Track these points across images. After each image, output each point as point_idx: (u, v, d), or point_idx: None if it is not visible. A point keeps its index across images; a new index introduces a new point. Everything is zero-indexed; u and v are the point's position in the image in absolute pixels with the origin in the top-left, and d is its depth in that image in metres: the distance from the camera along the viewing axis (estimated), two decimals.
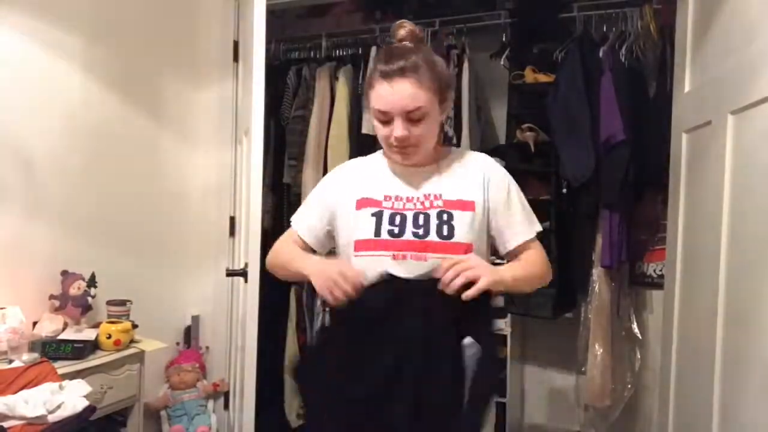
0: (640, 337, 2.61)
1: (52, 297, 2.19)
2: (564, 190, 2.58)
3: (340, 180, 1.46)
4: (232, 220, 2.76)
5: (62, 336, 2.05)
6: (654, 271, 2.64)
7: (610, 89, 2.40)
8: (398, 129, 1.28)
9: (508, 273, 1.30)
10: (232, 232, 2.76)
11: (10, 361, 1.83)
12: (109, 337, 2.11)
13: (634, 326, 2.62)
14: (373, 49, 2.97)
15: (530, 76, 2.70)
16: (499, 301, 2.84)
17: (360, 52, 3.04)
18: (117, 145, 2.50)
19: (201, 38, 2.85)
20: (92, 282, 2.26)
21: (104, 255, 2.41)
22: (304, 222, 1.48)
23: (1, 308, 1.97)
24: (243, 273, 2.05)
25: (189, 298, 2.87)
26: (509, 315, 2.83)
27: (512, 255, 1.39)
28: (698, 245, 1.73)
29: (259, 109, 1.94)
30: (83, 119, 2.36)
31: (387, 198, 1.36)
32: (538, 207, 2.61)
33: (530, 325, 3.04)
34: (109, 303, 2.32)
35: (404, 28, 1.37)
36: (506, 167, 2.94)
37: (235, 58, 2.77)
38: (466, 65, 2.81)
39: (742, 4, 1.50)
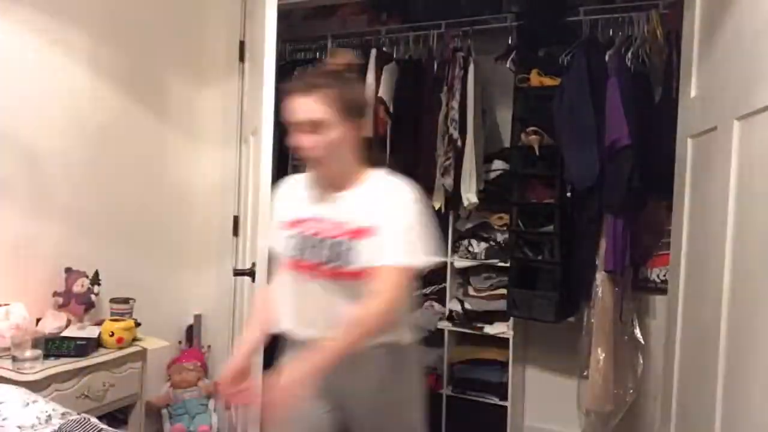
0: (643, 342, 2.61)
1: (55, 294, 2.19)
2: (568, 194, 2.57)
3: (278, 201, 1.61)
4: (236, 219, 2.76)
5: (65, 333, 2.05)
6: (658, 276, 2.64)
7: (616, 93, 2.39)
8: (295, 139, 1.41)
9: (318, 362, 1.28)
10: (235, 232, 2.77)
11: (14, 358, 1.84)
12: (112, 334, 2.12)
13: (637, 331, 2.61)
14: (373, 51, 2.97)
15: (536, 79, 2.70)
16: (500, 305, 2.85)
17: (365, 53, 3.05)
18: (122, 143, 2.51)
19: (207, 37, 2.86)
20: (96, 279, 2.26)
21: (108, 253, 2.42)
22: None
23: (5, 304, 1.98)
24: (250, 272, 2.05)
25: (191, 296, 2.87)
26: (511, 318, 2.83)
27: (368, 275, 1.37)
28: (702, 251, 1.73)
29: (269, 109, 1.94)
30: (89, 117, 2.36)
31: (306, 219, 1.48)
32: (542, 211, 2.67)
33: (532, 329, 3.03)
34: (112, 301, 2.33)
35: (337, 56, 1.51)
36: (511, 170, 2.93)
37: (241, 58, 2.77)
38: (471, 68, 2.82)
39: (749, 11, 1.49)
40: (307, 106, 1.37)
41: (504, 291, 2.84)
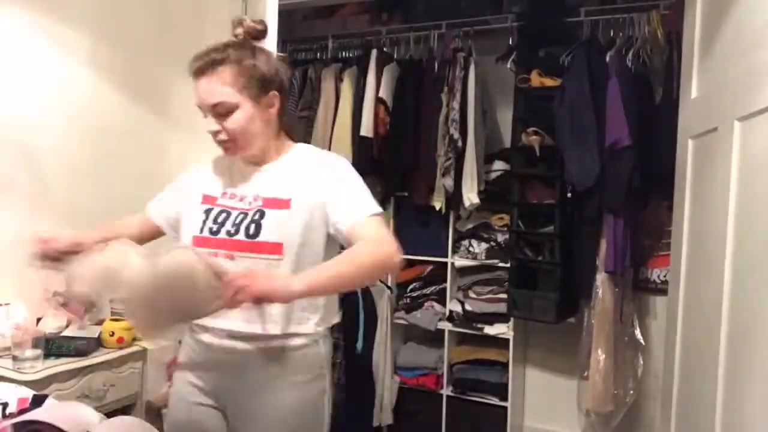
0: (643, 343, 2.61)
1: (56, 294, 2.19)
2: (569, 195, 2.57)
3: (194, 175, 1.58)
4: None
5: (65, 333, 2.05)
6: (658, 276, 2.63)
7: (617, 94, 2.40)
8: (209, 124, 1.39)
9: (312, 277, 1.17)
10: None
11: (14, 357, 1.84)
12: (112, 334, 2.12)
13: (637, 332, 2.61)
14: (374, 52, 2.98)
15: (536, 79, 2.70)
16: (501, 307, 2.85)
17: (365, 54, 3.05)
18: (122, 143, 2.51)
19: (208, 37, 2.82)
20: None
21: None
22: (157, 207, 1.61)
23: (6, 304, 1.98)
24: None
25: None
26: (512, 319, 2.82)
27: (348, 241, 1.27)
28: (703, 251, 1.73)
29: None
30: (89, 117, 2.36)
31: (224, 195, 1.41)
32: (542, 211, 2.67)
33: (533, 329, 3.03)
34: (113, 300, 2.33)
35: (240, 26, 1.47)
36: (511, 171, 2.91)
37: None
38: (472, 68, 2.82)
39: (749, 11, 1.49)
40: (206, 89, 1.39)
41: (504, 294, 2.84)
